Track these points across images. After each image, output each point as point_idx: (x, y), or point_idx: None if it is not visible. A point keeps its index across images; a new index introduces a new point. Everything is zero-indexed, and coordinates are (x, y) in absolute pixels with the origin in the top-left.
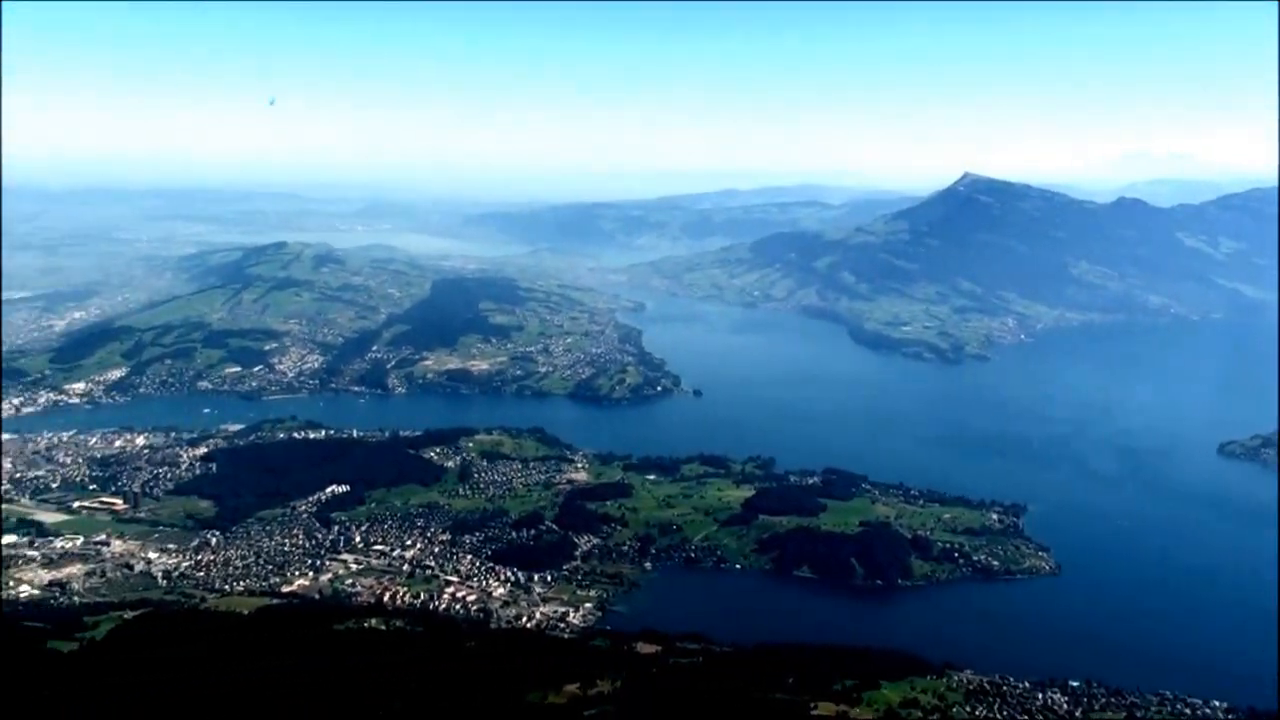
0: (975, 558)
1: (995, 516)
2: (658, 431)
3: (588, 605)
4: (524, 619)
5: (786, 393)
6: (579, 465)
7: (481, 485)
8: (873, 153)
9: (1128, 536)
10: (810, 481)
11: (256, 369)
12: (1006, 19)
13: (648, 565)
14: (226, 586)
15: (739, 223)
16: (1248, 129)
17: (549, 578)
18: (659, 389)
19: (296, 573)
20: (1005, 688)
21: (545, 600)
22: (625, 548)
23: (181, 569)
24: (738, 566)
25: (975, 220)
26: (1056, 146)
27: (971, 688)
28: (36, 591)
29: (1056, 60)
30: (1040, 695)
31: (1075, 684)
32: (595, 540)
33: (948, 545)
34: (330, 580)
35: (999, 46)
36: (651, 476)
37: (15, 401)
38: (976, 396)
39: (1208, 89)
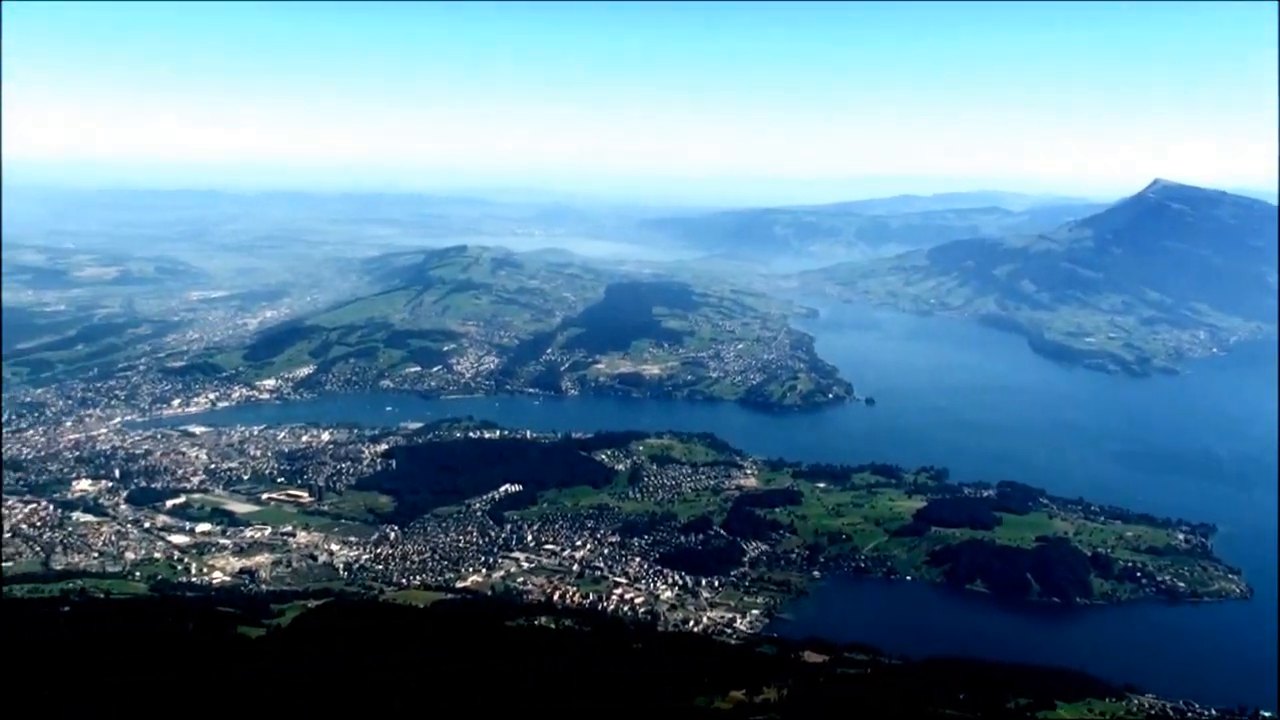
0: (1160, 578)
1: (1181, 536)
2: (828, 439)
3: (755, 611)
4: (691, 623)
5: (962, 403)
6: (748, 471)
7: (651, 488)
8: (1052, 158)
9: None
10: (985, 494)
11: (435, 369)
12: (1180, 19)
13: (816, 573)
14: (404, 580)
15: (916, 229)
16: None
17: (716, 583)
18: (830, 396)
19: (470, 569)
20: (1190, 715)
21: (712, 605)
22: (794, 555)
23: (361, 561)
24: (908, 578)
25: (1165, 228)
26: (1243, 152)
27: (1154, 713)
28: (228, 578)
29: (1238, 62)
30: None
31: (1268, 715)
32: (763, 547)
33: (1130, 564)
34: (502, 577)
35: (1178, 47)
36: (821, 484)
37: (211, 396)
38: (1163, 411)
39: None
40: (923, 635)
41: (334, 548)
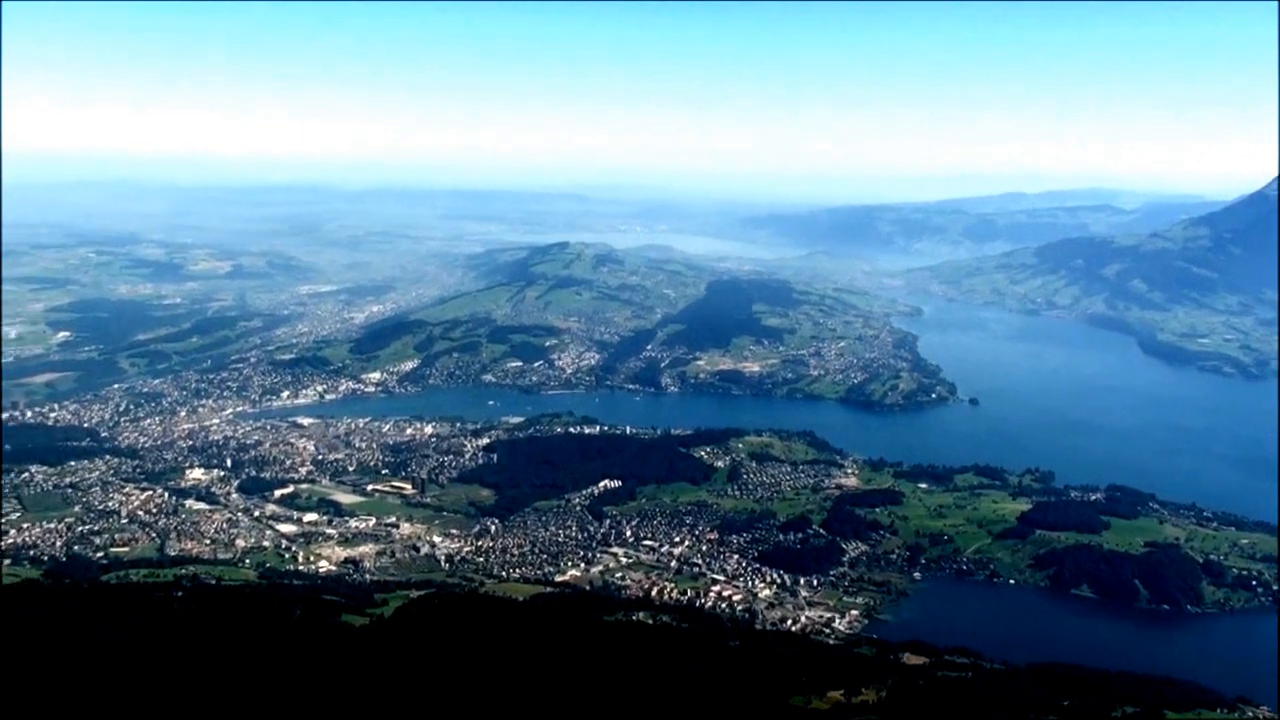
0: (1276, 587)
1: None
2: (931, 439)
3: (854, 612)
4: (789, 622)
5: (1068, 404)
6: (849, 470)
7: (750, 486)
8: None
9: None
10: (1093, 498)
11: (537, 364)
12: None
13: (917, 575)
14: (503, 573)
15: (1023, 227)
16: None
17: (815, 582)
18: (933, 396)
19: (569, 563)
20: None
21: (811, 604)
22: (894, 556)
23: (463, 553)
24: (1011, 581)
25: None
26: None
27: None
28: (333, 567)
29: None
30: None
31: None
32: (863, 547)
33: (1244, 572)
34: (601, 572)
35: None
36: (923, 485)
37: (319, 388)
38: None
39: None
40: (1026, 640)
41: (436, 539)
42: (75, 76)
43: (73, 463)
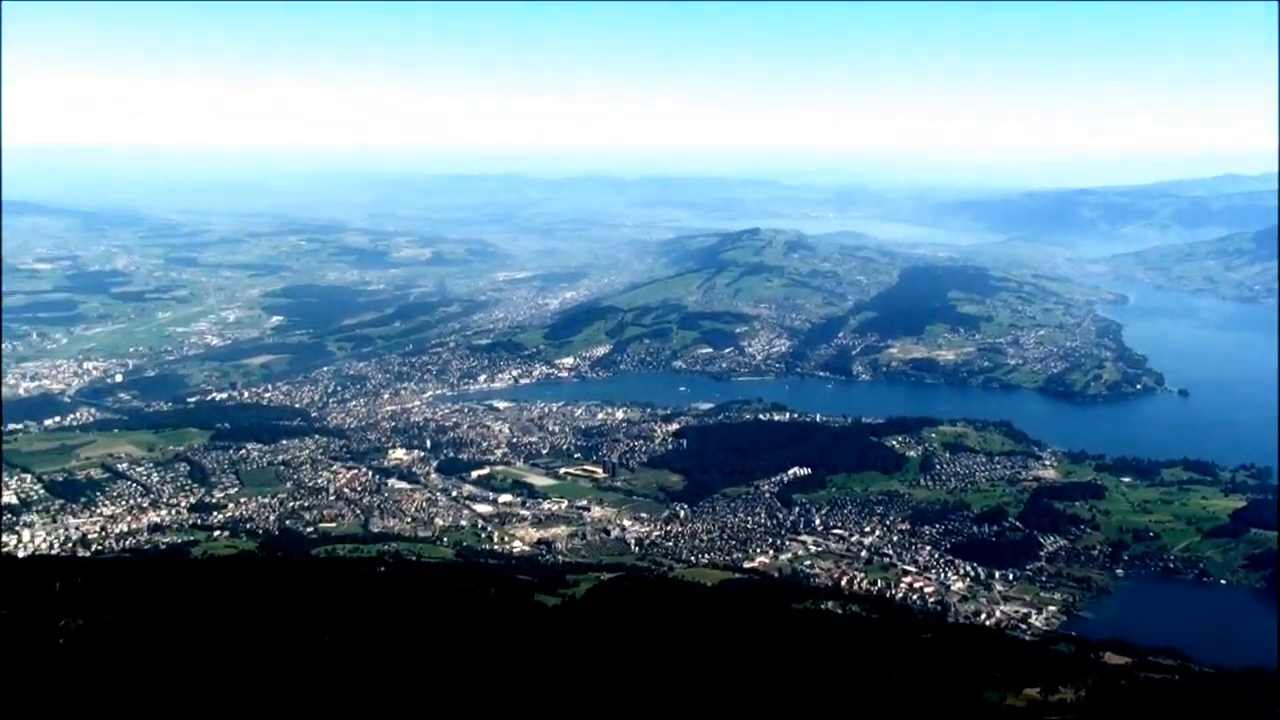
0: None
1: None
2: (1135, 432)
3: (1051, 608)
4: (983, 616)
5: None
6: (1047, 462)
7: (943, 476)
8: None
9: None
10: None
11: (726, 351)
12: None
13: (1119, 572)
14: (692, 558)
15: (1240, 210)
16: None
17: (1010, 576)
18: (1139, 387)
19: (758, 550)
20: None
21: (1006, 599)
22: (1095, 552)
23: (652, 538)
24: (1222, 582)
25: None
26: None
27: None
28: (527, 548)
29: None
30: None
31: None
32: (1062, 541)
33: None
34: (789, 560)
35: None
36: (1127, 479)
37: (514, 373)
38: None
39: None
40: (1238, 643)
41: (626, 523)
42: (301, 75)
43: (285, 441)
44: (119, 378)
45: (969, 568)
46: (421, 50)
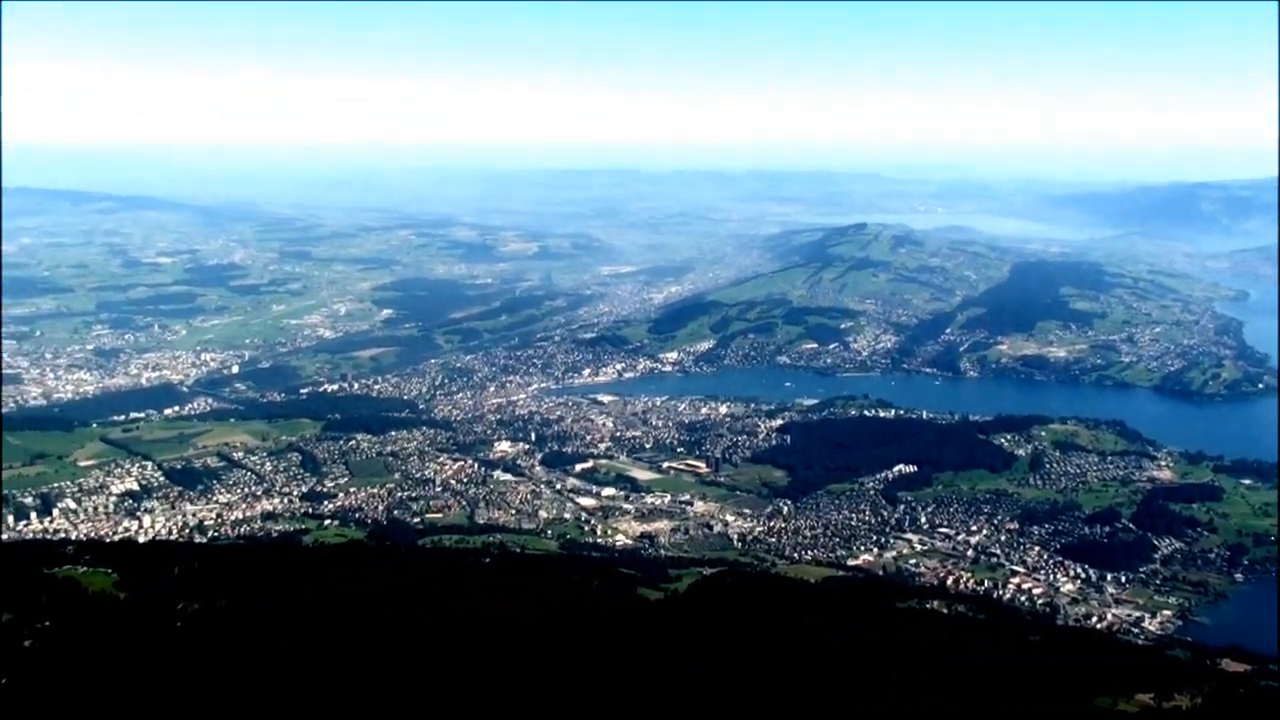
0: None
1: None
2: (1256, 433)
3: (1166, 612)
4: (1094, 619)
5: None
6: (1162, 463)
7: (1053, 476)
8: None
9: None
10: None
11: (832, 346)
12: None
13: (1238, 576)
14: (795, 554)
15: None
16: None
17: (1123, 579)
18: (1260, 386)
19: (862, 547)
20: None
21: (1118, 602)
22: (1212, 555)
23: (755, 533)
24: None
25: None
26: None
27: None
28: (629, 541)
29: None
30: None
31: None
32: (1177, 544)
33: None
34: (894, 558)
35: None
36: (1247, 481)
37: (618, 367)
38: None
39: None
40: None
41: (729, 518)
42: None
43: (393, 432)
44: (235, 369)
45: (1079, 569)
46: (538, 48)
